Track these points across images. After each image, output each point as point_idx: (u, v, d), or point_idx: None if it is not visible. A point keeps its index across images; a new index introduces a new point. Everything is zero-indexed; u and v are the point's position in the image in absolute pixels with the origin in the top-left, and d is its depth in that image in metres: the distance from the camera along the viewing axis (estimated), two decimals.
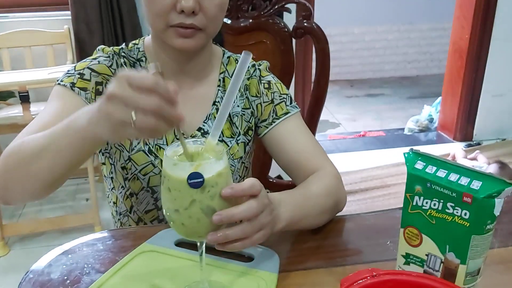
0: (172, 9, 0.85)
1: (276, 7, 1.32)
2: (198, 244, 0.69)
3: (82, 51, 2.47)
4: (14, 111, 2.25)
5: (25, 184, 0.76)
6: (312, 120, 1.39)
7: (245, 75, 1.02)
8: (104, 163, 1.03)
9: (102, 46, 0.98)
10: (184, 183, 0.60)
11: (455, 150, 3.26)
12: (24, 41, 2.45)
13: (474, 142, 3.58)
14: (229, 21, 1.34)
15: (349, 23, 5.39)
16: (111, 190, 1.05)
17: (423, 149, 0.76)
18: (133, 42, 1.01)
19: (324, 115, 4.52)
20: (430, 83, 5.32)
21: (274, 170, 1.38)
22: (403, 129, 3.95)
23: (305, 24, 1.30)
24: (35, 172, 0.74)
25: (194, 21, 0.86)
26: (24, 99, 2.15)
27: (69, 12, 2.44)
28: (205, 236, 0.65)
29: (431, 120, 3.92)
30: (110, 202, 1.08)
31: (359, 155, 3.35)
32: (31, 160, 0.73)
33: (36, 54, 2.49)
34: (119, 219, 1.07)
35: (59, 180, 0.76)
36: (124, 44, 1.00)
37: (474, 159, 3.11)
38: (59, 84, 0.91)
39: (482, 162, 3.01)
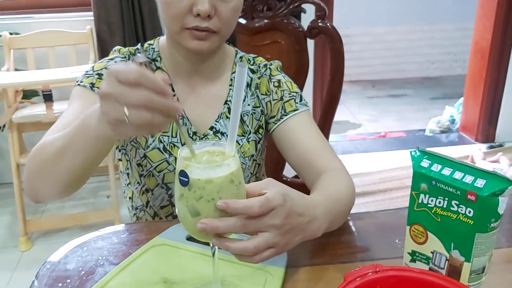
0: (188, 12, 0.87)
1: (291, 7, 1.33)
2: (211, 244, 0.69)
3: (104, 51, 2.52)
4: (38, 109, 2.30)
5: (49, 184, 0.79)
6: (326, 119, 1.40)
7: (256, 74, 1.04)
8: (120, 159, 1.06)
9: (118, 47, 1.01)
10: (177, 176, 0.62)
11: (473, 152, 3.21)
12: (48, 41, 2.51)
13: (496, 143, 3.51)
14: (244, 21, 1.36)
15: (371, 23, 5.36)
16: (127, 185, 1.08)
17: (444, 150, 0.76)
18: (149, 42, 1.03)
19: (345, 116, 4.54)
20: (454, 84, 5.24)
21: (291, 170, 1.39)
22: (424, 130, 3.91)
23: (320, 24, 1.31)
24: (56, 173, 0.76)
25: (209, 25, 0.88)
26: (48, 97, 2.21)
27: (91, 13, 2.50)
28: (194, 234, 0.66)
29: (452, 121, 3.87)
30: (126, 197, 1.11)
31: (379, 156, 3.33)
32: (52, 161, 0.76)
33: (59, 54, 2.55)
34: (135, 214, 1.10)
35: (80, 179, 0.79)
36: (139, 44, 1.03)
37: (496, 161, 3.05)
38: (79, 85, 0.94)
39: (505, 164, 2.96)
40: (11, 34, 2.51)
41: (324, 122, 1.40)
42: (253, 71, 1.04)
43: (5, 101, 2.26)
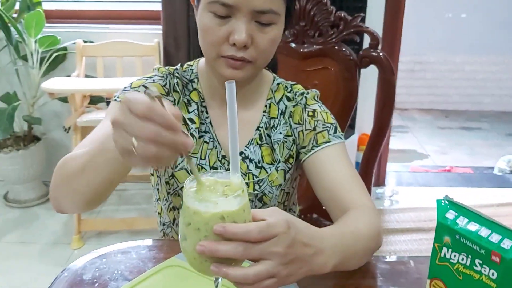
0: (225, 40, 0.87)
1: (343, 34, 1.30)
2: (214, 278, 0.68)
3: (169, 64, 2.60)
4: (102, 115, 2.41)
5: (69, 197, 0.81)
6: (372, 152, 1.35)
7: (292, 102, 1.02)
8: (152, 174, 1.07)
9: (158, 66, 1.03)
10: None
11: None
12: (117, 51, 2.63)
13: None
14: (294, 45, 1.34)
15: (450, 51, 5.17)
16: (157, 200, 1.09)
17: (509, 192, 0.70)
18: (188, 63, 1.05)
19: (412, 145, 4.39)
20: None
21: None
22: (493, 168, 3.68)
23: (372, 53, 1.27)
24: (76, 187, 0.78)
25: (244, 55, 0.87)
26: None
27: (160, 27, 2.59)
28: (190, 261, 0.63)
29: None
30: (156, 212, 1.12)
31: (439, 191, 3.16)
32: (73, 176, 0.77)
33: (127, 64, 2.66)
34: (162, 229, 1.11)
35: (99, 196, 0.79)
36: (179, 65, 1.04)
37: None
38: (115, 100, 0.97)
39: None
40: (85, 42, 2.66)
41: (370, 155, 1.35)
42: (289, 99, 1.02)
43: (72, 105, 2.39)
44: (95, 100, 2.65)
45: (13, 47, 2.62)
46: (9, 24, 2.55)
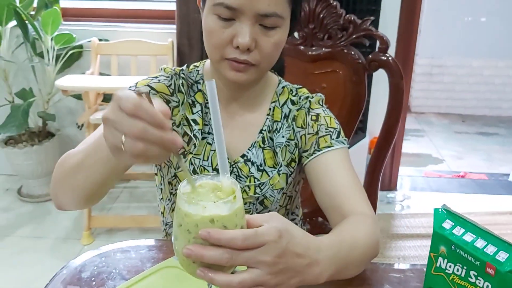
0: (229, 43, 0.86)
1: (353, 37, 1.29)
2: (208, 284, 0.67)
3: (182, 63, 2.60)
4: None
5: (67, 194, 0.82)
6: (379, 156, 1.33)
7: (296, 106, 1.01)
8: (156, 174, 1.08)
9: (164, 66, 1.03)
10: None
11: None
12: (132, 50, 2.65)
13: None
14: (302, 48, 1.34)
15: (468, 55, 5.09)
16: (160, 200, 1.09)
17: None
18: (195, 64, 1.05)
19: (428, 149, 4.34)
20: None
21: None
22: (509, 175, 3.61)
23: (381, 57, 1.26)
24: (73, 185, 0.79)
25: (248, 58, 0.87)
26: None
27: (174, 26, 2.60)
28: (180, 262, 0.63)
29: None
30: (159, 212, 1.13)
31: (451, 198, 3.12)
32: (70, 173, 0.78)
33: (141, 62, 2.68)
34: (164, 229, 1.12)
35: (97, 193, 0.80)
36: (185, 65, 1.05)
37: None
38: None
39: None
40: (100, 40, 2.69)
41: (377, 159, 1.34)
42: (293, 103, 1.02)
43: (86, 102, 2.42)
44: (109, 98, 2.67)
45: (30, 44, 2.66)
46: (26, 22, 2.59)
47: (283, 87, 1.04)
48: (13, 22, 2.63)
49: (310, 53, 1.34)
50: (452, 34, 4.98)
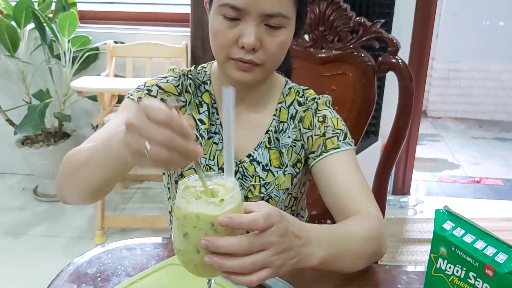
0: (234, 43, 0.88)
1: (363, 39, 1.29)
2: (207, 279, 0.69)
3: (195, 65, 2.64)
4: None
5: (72, 190, 0.83)
6: (388, 160, 1.32)
7: (302, 107, 1.02)
8: (164, 173, 1.09)
9: (173, 67, 1.05)
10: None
11: None
12: (146, 52, 2.69)
13: None
14: (312, 50, 1.34)
15: (485, 59, 5.02)
16: (168, 199, 1.11)
17: None
18: (202, 65, 1.06)
19: (443, 154, 4.29)
20: None
21: None
22: None
23: (391, 59, 1.26)
24: (78, 181, 0.80)
25: (253, 58, 0.88)
26: None
27: (189, 29, 2.62)
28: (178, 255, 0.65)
29: None
30: (167, 211, 1.14)
31: (465, 203, 3.07)
32: (76, 169, 0.80)
33: (155, 64, 2.71)
34: (172, 228, 1.13)
35: (100, 190, 0.81)
36: (193, 66, 1.06)
37: None
38: (128, 97, 0.99)
39: None
40: (116, 42, 2.73)
41: (386, 163, 1.33)
42: (300, 104, 1.02)
43: (101, 103, 2.45)
44: (124, 99, 2.70)
45: (47, 46, 2.71)
46: (44, 24, 2.63)
47: (289, 88, 1.04)
48: (31, 25, 2.67)
49: (319, 55, 1.34)
50: (470, 38, 4.92)
